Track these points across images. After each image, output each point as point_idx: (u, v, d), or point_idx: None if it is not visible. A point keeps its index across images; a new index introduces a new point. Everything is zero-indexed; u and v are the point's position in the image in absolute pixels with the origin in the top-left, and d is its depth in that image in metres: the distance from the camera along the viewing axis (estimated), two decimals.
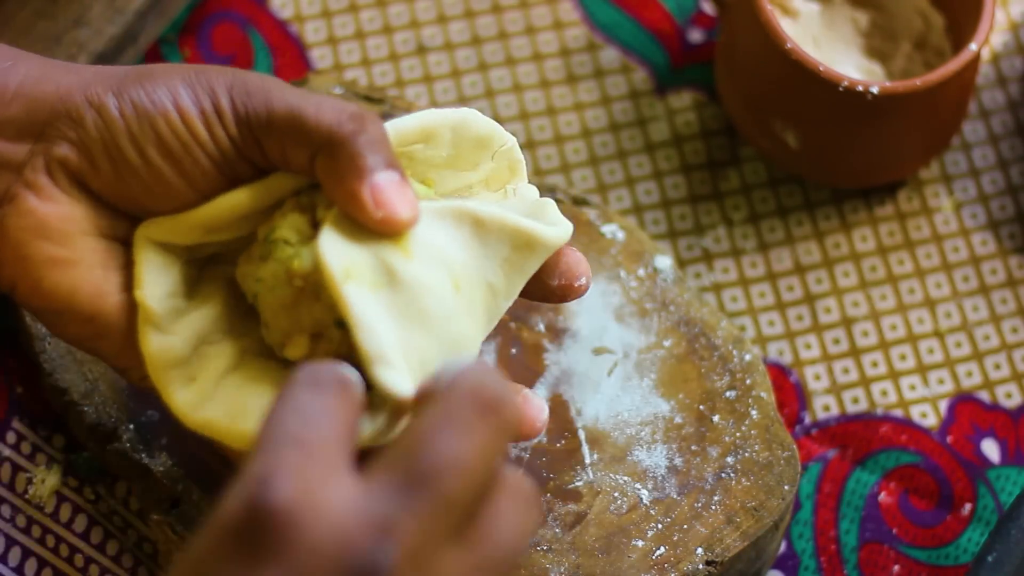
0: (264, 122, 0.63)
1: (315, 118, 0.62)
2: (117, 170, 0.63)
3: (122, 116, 0.63)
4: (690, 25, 0.90)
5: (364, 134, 0.62)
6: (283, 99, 0.63)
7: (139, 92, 0.63)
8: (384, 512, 0.51)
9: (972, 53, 0.79)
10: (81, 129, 0.63)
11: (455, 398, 0.53)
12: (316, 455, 0.52)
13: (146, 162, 0.63)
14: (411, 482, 0.51)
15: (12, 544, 0.75)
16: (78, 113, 0.63)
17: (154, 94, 0.63)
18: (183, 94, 0.63)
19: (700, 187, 0.87)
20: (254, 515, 0.50)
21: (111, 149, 0.63)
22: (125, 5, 0.83)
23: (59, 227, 0.64)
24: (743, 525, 0.73)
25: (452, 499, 0.52)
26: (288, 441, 0.52)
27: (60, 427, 0.78)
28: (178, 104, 0.63)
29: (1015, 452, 0.82)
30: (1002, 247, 0.86)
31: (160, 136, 0.63)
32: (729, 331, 0.78)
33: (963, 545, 0.79)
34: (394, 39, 0.89)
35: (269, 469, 0.51)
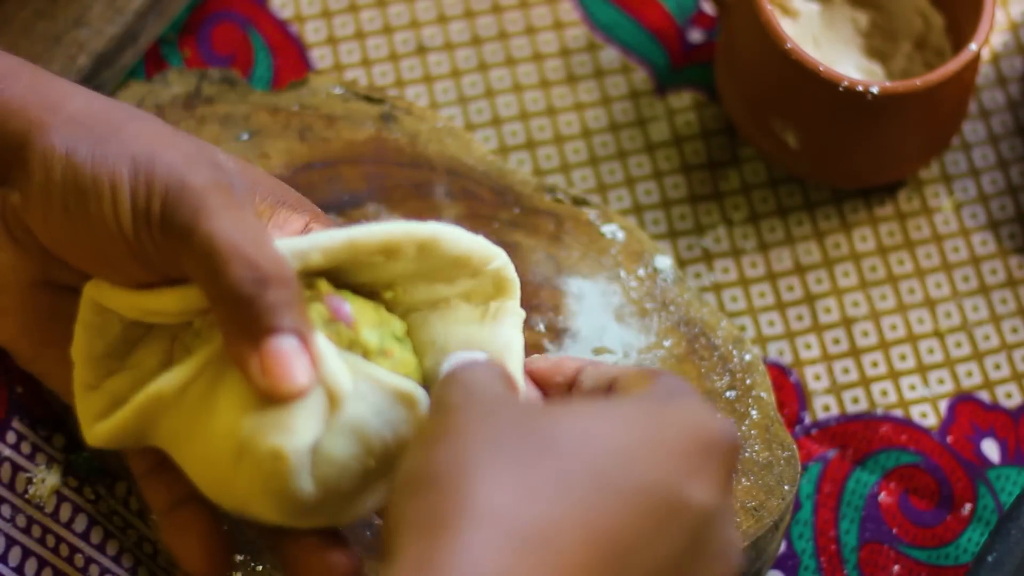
0: (184, 241, 0.60)
1: (223, 266, 0.59)
2: (53, 232, 0.62)
3: (63, 182, 0.61)
4: (690, 25, 0.90)
5: (263, 298, 0.59)
6: (209, 228, 0.59)
7: (92, 154, 0.61)
8: None
9: (972, 53, 0.79)
10: (30, 182, 0.62)
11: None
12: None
13: (74, 234, 0.62)
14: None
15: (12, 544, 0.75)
16: (32, 164, 0.62)
17: (102, 164, 0.61)
18: (125, 177, 0.61)
19: (700, 187, 0.87)
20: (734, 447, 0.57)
21: (47, 211, 0.62)
22: (125, 5, 0.83)
23: (1, 277, 0.63)
24: (743, 525, 0.73)
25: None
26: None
27: (60, 427, 0.78)
28: (115, 189, 0.61)
29: (1015, 452, 0.82)
30: (1002, 247, 0.86)
31: (89, 217, 0.61)
32: (729, 331, 0.78)
33: (963, 545, 0.79)
34: (394, 39, 0.89)
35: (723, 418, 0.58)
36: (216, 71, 0.84)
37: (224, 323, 0.60)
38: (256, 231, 0.60)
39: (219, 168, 0.61)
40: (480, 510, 0.52)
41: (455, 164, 0.81)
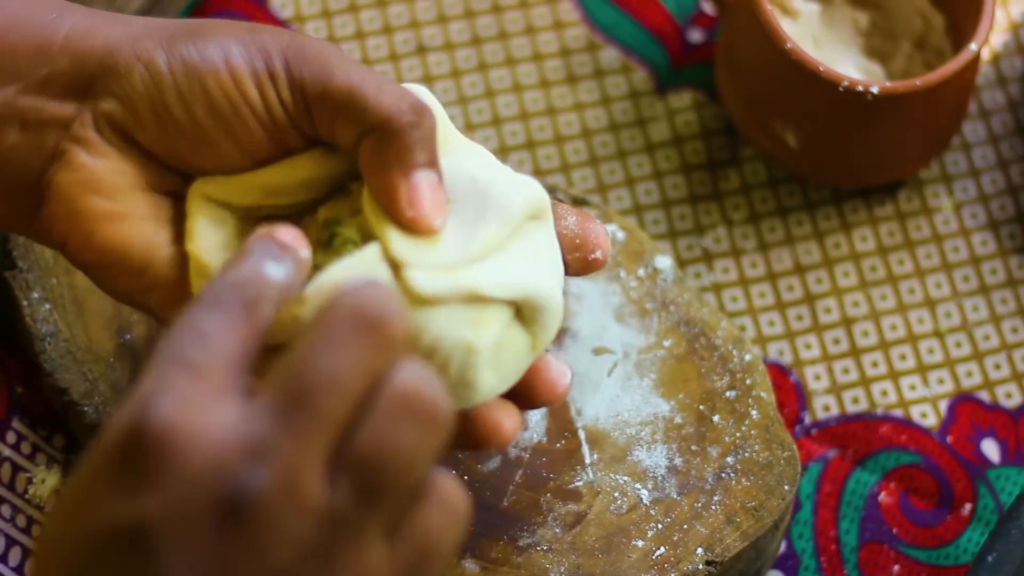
0: (319, 93, 0.62)
1: (375, 100, 0.61)
2: (164, 128, 0.63)
3: (171, 72, 0.62)
4: (690, 25, 0.90)
5: (419, 129, 0.61)
6: (344, 73, 0.61)
7: (189, 48, 0.62)
8: (259, 435, 0.49)
9: (972, 53, 0.79)
10: (128, 85, 0.62)
11: (334, 315, 0.51)
12: (203, 376, 0.50)
13: (193, 121, 0.62)
14: (286, 403, 0.50)
15: (12, 544, 0.75)
16: (126, 68, 0.62)
17: (205, 51, 0.62)
18: (235, 53, 0.62)
19: (700, 187, 0.87)
20: (132, 438, 0.49)
21: (158, 106, 0.62)
22: (125, 5, 0.83)
23: (110, 181, 0.63)
24: (743, 525, 0.73)
25: (327, 418, 0.50)
26: (177, 362, 0.50)
27: (60, 427, 0.78)
28: (229, 63, 0.62)
29: (1015, 452, 0.82)
30: (1002, 247, 0.86)
31: (209, 95, 0.62)
32: (729, 331, 0.78)
33: (963, 545, 0.79)
34: (394, 39, 0.89)
35: (152, 390, 0.50)
36: None
37: (372, 157, 0.61)
38: (384, 77, 0.62)
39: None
40: None
41: None
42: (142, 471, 0.49)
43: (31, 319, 0.76)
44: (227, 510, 0.49)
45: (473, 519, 0.72)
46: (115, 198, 0.63)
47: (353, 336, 0.51)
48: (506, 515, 0.73)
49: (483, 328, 0.62)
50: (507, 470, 0.74)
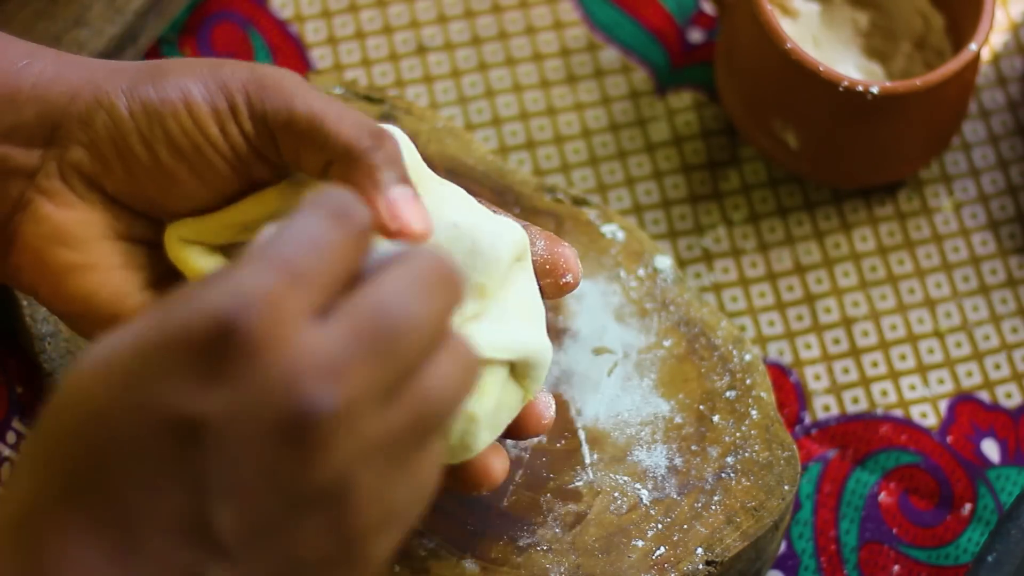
0: (283, 122, 0.62)
1: (335, 128, 0.61)
2: (129, 171, 0.63)
3: (131, 115, 0.62)
4: (690, 25, 0.90)
5: (381, 151, 0.61)
6: (305, 102, 0.62)
7: (148, 90, 0.63)
8: (337, 358, 0.49)
9: (972, 53, 0.79)
10: (91, 131, 0.63)
11: (420, 263, 0.52)
12: (306, 288, 0.50)
13: (157, 162, 0.63)
14: (368, 335, 0.50)
15: None
16: (88, 114, 0.63)
17: (164, 92, 0.62)
18: (194, 91, 0.62)
19: (700, 187, 0.87)
20: (219, 332, 0.48)
21: (122, 150, 0.63)
22: (125, 5, 0.83)
23: (76, 232, 0.63)
24: (743, 525, 0.73)
25: (401, 359, 0.50)
26: (283, 264, 0.49)
27: None
28: (188, 102, 0.62)
29: (1015, 452, 0.82)
30: (1002, 247, 0.86)
31: (170, 136, 0.62)
32: (729, 331, 0.78)
33: (963, 545, 0.79)
34: (394, 39, 0.89)
35: (252, 287, 0.49)
36: None
37: (346, 182, 0.61)
38: (344, 106, 0.62)
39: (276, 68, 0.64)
40: None
41: (455, 164, 0.81)
42: (219, 369, 0.48)
43: (31, 319, 0.76)
44: (291, 425, 0.48)
45: (473, 519, 0.72)
46: (81, 249, 0.63)
47: (437, 286, 0.51)
48: (506, 515, 0.73)
49: (484, 396, 0.64)
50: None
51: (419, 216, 0.61)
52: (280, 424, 0.48)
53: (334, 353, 0.49)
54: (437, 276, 0.52)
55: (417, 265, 0.52)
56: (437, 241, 0.64)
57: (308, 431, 0.48)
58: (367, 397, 0.50)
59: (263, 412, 0.48)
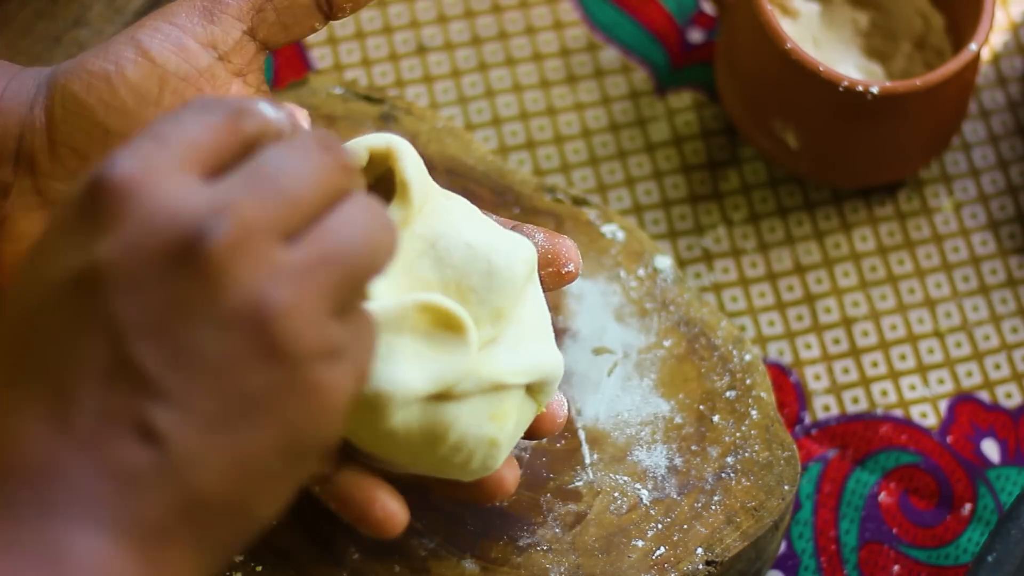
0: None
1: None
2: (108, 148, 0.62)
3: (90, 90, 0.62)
4: (690, 25, 0.90)
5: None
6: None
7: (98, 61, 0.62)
8: (221, 195, 0.50)
9: (972, 53, 0.79)
10: (55, 129, 0.62)
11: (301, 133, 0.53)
12: (170, 148, 0.51)
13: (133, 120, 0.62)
14: (251, 177, 0.51)
15: None
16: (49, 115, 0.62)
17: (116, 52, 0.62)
18: (142, 37, 0.62)
19: (700, 187, 0.87)
20: (92, 188, 0.49)
21: (92, 131, 0.62)
22: (125, 5, 0.83)
23: None
24: (743, 525, 0.73)
25: (291, 195, 0.51)
26: (147, 133, 0.51)
27: None
28: (141, 48, 0.62)
29: (1015, 452, 0.82)
30: (1002, 247, 0.86)
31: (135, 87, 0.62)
32: (729, 331, 0.78)
33: (963, 545, 0.79)
34: (394, 39, 0.89)
35: (124, 151, 0.50)
36: None
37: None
38: None
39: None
40: None
41: (455, 164, 0.81)
42: (99, 218, 0.49)
43: None
44: (181, 253, 0.49)
45: (473, 519, 0.72)
46: None
47: (321, 152, 0.52)
48: (506, 515, 0.73)
49: (504, 421, 0.65)
50: None
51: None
52: (172, 252, 0.49)
53: (215, 194, 0.50)
54: (321, 142, 0.52)
55: (300, 136, 0.53)
56: (452, 262, 0.64)
57: (202, 254, 0.49)
58: (260, 229, 0.50)
59: (153, 243, 0.49)
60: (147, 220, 0.49)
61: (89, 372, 0.49)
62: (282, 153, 0.51)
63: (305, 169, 0.51)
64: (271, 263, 0.50)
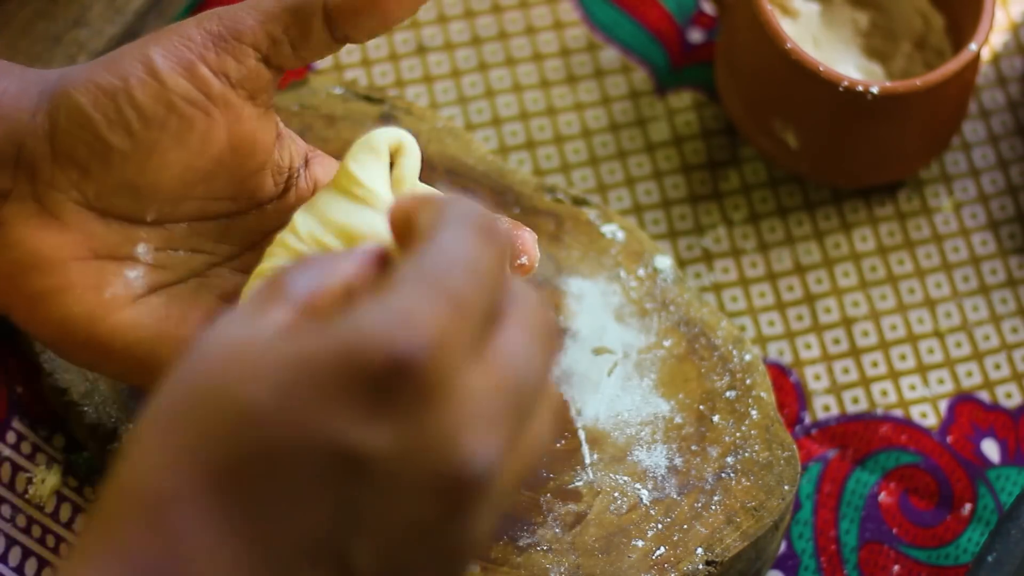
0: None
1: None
2: (107, 164, 0.61)
3: (95, 105, 0.61)
4: (690, 25, 0.90)
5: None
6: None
7: (105, 75, 0.61)
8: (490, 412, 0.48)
9: (972, 53, 0.79)
10: (57, 140, 0.61)
11: (535, 315, 0.50)
12: (469, 319, 0.48)
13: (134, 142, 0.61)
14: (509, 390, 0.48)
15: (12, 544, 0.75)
16: (51, 125, 0.61)
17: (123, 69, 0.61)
18: (154, 56, 0.61)
19: (700, 187, 0.87)
20: (398, 369, 0.46)
21: (94, 145, 0.61)
22: (125, 5, 0.83)
23: (49, 255, 0.61)
24: (743, 525, 0.73)
25: (525, 416, 0.49)
26: (446, 293, 0.48)
27: (60, 427, 0.78)
28: (151, 68, 0.61)
29: (1015, 452, 0.82)
30: (1002, 247, 0.86)
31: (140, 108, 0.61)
32: (729, 331, 0.78)
33: (963, 545, 0.79)
34: (394, 39, 0.89)
35: (424, 321, 0.47)
36: None
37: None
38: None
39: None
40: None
41: (455, 164, 0.81)
42: (390, 405, 0.47)
43: None
44: (451, 482, 0.48)
45: None
46: (55, 273, 0.61)
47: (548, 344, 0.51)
48: (506, 515, 0.73)
49: None
50: None
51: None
52: (441, 478, 0.48)
53: (489, 407, 0.48)
54: (547, 330, 0.51)
55: (534, 318, 0.50)
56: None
57: (466, 492, 0.48)
58: (505, 454, 0.49)
59: (427, 462, 0.47)
60: (435, 435, 0.47)
61: (301, 541, 0.47)
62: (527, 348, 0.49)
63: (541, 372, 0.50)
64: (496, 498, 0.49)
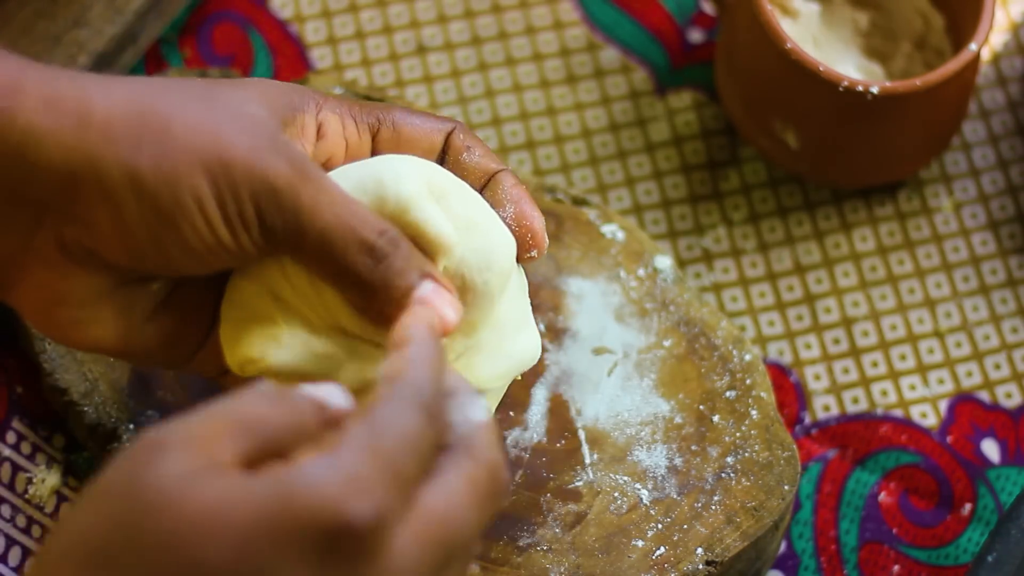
0: (293, 245, 0.61)
1: (343, 257, 0.61)
2: (135, 257, 0.61)
3: (141, 218, 0.60)
4: (690, 25, 0.90)
5: (392, 262, 0.61)
6: (315, 221, 0.61)
7: (157, 173, 0.59)
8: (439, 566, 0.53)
9: (972, 53, 0.79)
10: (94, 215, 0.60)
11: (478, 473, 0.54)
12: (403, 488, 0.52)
13: (167, 256, 0.61)
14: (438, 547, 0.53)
15: (12, 544, 0.75)
16: (90, 200, 0.59)
17: (178, 193, 0.59)
18: (206, 195, 0.59)
19: (700, 187, 0.87)
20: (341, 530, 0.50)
21: (128, 244, 0.60)
22: (125, 5, 0.83)
23: (77, 294, 0.62)
24: (743, 525, 0.73)
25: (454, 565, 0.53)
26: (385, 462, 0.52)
27: (60, 427, 0.78)
28: (203, 208, 0.59)
29: (1015, 452, 0.82)
30: (1002, 247, 0.86)
31: (183, 239, 0.60)
32: (729, 331, 0.78)
33: (963, 545, 0.79)
34: (394, 39, 0.89)
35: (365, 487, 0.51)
36: (216, 71, 0.84)
37: (368, 309, 0.62)
38: (351, 207, 0.61)
39: (285, 146, 0.61)
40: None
41: None
42: (332, 563, 0.50)
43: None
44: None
45: None
46: (84, 307, 0.62)
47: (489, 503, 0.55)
48: (506, 515, 0.73)
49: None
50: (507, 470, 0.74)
51: (450, 309, 0.61)
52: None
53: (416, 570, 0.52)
54: (492, 489, 0.54)
55: (476, 476, 0.54)
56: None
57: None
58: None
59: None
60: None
61: None
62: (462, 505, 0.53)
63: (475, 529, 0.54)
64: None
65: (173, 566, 0.49)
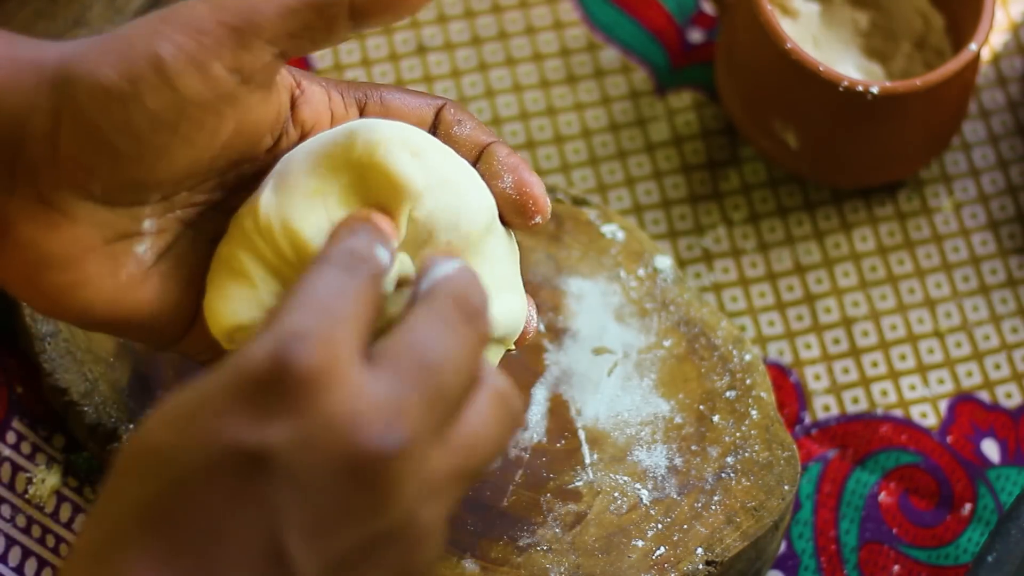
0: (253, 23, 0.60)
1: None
2: (115, 163, 0.59)
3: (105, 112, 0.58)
4: (690, 25, 0.90)
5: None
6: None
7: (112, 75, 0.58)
8: (393, 398, 0.51)
9: (972, 53, 0.79)
10: (60, 147, 0.59)
11: (444, 300, 0.54)
12: (347, 330, 0.51)
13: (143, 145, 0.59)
14: (413, 375, 0.51)
15: (12, 544, 0.75)
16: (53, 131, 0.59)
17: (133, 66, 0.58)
18: (164, 53, 0.58)
19: (700, 187, 0.87)
20: (276, 368, 0.49)
21: (102, 150, 0.59)
22: (125, 5, 0.83)
23: (63, 253, 0.60)
24: (743, 525, 0.73)
25: (446, 399, 0.52)
26: (322, 309, 0.51)
27: (60, 427, 0.78)
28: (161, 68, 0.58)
29: (1015, 452, 0.82)
30: (1002, 247, 0.86)
31: (153, 115, 0.58)
32: (729, 331, 0.78)
33: (963, 545, 0.79)
34: (394, 39, 0.89)
35: (302, 329, 0.50)
36: None
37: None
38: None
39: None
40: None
41: None
42: (278, 403, 0.49)
43: (31, 319, 0.76)
44: (363, 465, 0.50)
45: (473, 519, 0.72)
46: (71, 268, 0.61)
47: (465, 324, 0.53)
48: (506, 515, 0.73)
49: None
50: (507, 470, 0.74)
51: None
52: (350, 463, 0.50)
53: (389, 393, 0.51)
54: (463, 311, 0.53)
55: (442, 302, 0.53)
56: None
57: (379, 472, 0.50)
58: (423, 438, 0.51)
59: (330, 448, 0.49)
60: (328, 421, 0.50)
61: (240, 551, 0.49)
62: (433, 334, 0.53)
63: (456, 353, 0.53)
64: (431, 483, 0.51)
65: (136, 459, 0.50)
